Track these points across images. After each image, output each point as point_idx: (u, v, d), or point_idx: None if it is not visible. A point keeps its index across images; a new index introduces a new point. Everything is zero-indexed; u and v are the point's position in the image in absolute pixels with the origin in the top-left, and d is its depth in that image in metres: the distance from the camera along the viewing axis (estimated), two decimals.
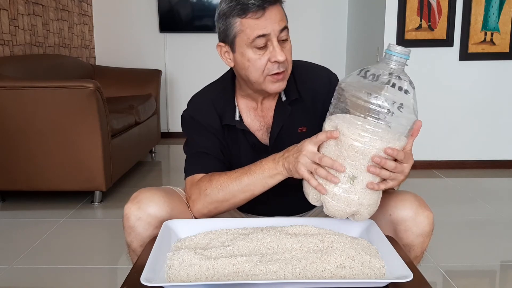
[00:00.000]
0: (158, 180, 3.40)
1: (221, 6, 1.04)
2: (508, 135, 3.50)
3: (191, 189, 1.07)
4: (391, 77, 0.84)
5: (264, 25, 0.99)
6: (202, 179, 1.07)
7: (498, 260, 2.02)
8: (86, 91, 2.44)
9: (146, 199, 0.99)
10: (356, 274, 0.77)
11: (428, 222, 0.98)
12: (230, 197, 1.02)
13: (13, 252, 2.02)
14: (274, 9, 1.01)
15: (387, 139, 0.84)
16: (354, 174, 0.87)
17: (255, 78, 1.05)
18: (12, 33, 3.11)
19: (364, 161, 0.85)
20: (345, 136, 0.85)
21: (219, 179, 1.03)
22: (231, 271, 0.77)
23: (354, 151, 0.85)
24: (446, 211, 2.59)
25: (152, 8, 4.53)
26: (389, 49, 0.86)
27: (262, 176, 0.99)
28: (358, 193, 0.87)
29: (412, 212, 0.97)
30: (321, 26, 4.65)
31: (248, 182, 1.00)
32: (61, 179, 2.56)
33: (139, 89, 3.93)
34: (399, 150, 0.85)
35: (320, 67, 1.20)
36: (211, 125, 1.13)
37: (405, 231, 0.98)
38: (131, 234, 0.99)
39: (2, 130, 2.48)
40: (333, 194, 0.88)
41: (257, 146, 1.14)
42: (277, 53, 1.01)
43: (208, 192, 1.03)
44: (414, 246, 0.99)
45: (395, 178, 0.87)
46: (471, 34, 3.32)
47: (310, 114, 1.14)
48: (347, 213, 0.89)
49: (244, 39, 1.01)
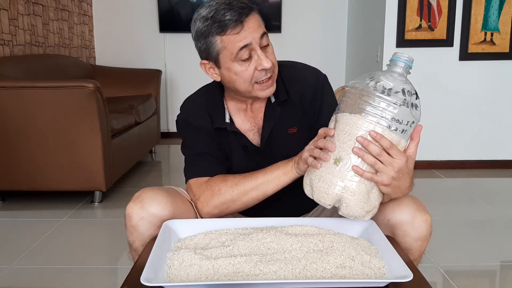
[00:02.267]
0: (158, 180, 3.40)
1: (197, 25, 1.03)
2: (508, 135, 3.50)
3: (199, 190, 1.08)
4: (404, 95, 0.84)
5: (244, 36, 0.99)
6: (213, 180, 1.07)
7: (498, 260, 2.02)
8: (86, 91, 2.44)
9: (149, 198, 0.99)
10: (356, 274, 0.77)
11: (426, 226, 0.97)
12: (243, 195, 1.04)
13: (13, 252, 2.02)
14: (251, 19, 1.01)
15: (380, 126, 0.85)
16: (341, 156, 0.87)
17: (244, 88, 1.06)
18: (12, 33, 3.11)
19: (351, 143, 0.86)
20: (338, 122, 0.89)
21: (234, 179, 1.05)
22: (231, 271, 0.77)
23: (343, 132, 0.87)
24: (446, 211, 2.59)
25: (152, 8, 4.53)
26: (397, 56, 0.87)
27: (276, 174, 1.03)
28: (343, 176, 0.87)
29: (410, 216, 0.97)
30: (321, 26, 4.65)
31: (262, 180, 1.03)
32: (61, 179, 2.57)
33: (139, 89, 3.93)
34: (384, 137, 0.85)
35: (307, 66, 1.20)
36: (205, 127, 1.14)
37: (403, 235, 0.98)
38: (133, 233, 0.99)
39: (2, 130, 2.48)
40: (320, 176, 0.90)
41: (249, 148, 1.14)
42: (263, 60, 1.01)
43: (222, 192, 1.04)
44: (413, 250, 0.99)
45: (382, 170, 0.86)
46: (471, 34, 3.32)
47: (300, 114, 1.15)
48: (331, 195, 0.88)
49: (228, 54, 1.01)
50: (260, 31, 1.02)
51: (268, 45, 1.05)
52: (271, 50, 1.06)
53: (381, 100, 0.84)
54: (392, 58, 0.88)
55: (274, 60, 1.06)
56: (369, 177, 0.86)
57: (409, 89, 0.86)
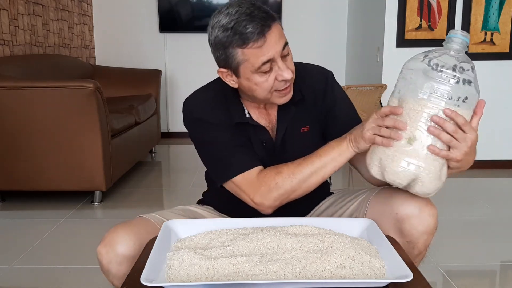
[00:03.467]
0: (158, 180, 3.40)
1: (215, 33, 0.99)
2: (508, 135, 3.50)
3: (251, 187, 1.04)
4: (455, 71, 0.85)
5: (267, 51, 0.97)
6: (266, 175, 1.04)
7: (498, 260, 2.02)
8: (86, 91, 2.44)
9: (112, 239, 0.98)
10: (356, 274, 0.77)
11: (433, 219, 0.98)
12: (303, 182, 1.02)
13: (13, 252, 2.02)
14: (274, 31, 0.97)
15: (450, 103, 0.85)
16: (415, 134, 0.87)
17: (263, 96, 1.04)
18: (12, 33, 3.11)
19: (424, 121, 0.86)
20: (407, 101, 0.87)
21: (289, 169, 1.03)
22: (231, 271, 0.77)
23: (414, 111, 0.86)
24: (446, 211, 2.59)
25: (152, 8, 4.53)
26: (453, 33, 0.88)
27: (332, 156, 1.01)
28: (418, 155, 0.87)
29: (417, 210, 0.98)
30: (321, 26, 4.65)
31: (319, 164, 1.01)
32: (61, 179, 2.57)
33: (139, 89, 3.93)
34: (459, 114, 0.85)
35: (315, 66, 1.20)
36: (226, 122, 1.09)
37: (410, 228, 0.98)
38: (109, 275, 1.00)
39: (2, 130, 2.48)
40: (392, 156, 0.88)
41: (267, 144, 1.13)
42: (284, 72, 1.00)
43: (280, 184, 1.02)
44: (419, 243, 1.00)
45: (456, 146, 0.86)
46: (471, 34, 3.32)
47: (312, 113, 1.15)
48: (407, 175, 0.88)
49: (249, 66, 0.99)
50: (282, 43, 0.99)
51: (288, 56, 1.03)
52: (290, 58, 1.03)
53: (446, 78, 0.84)
54: (448, 36, 0.89)
55: (293, 68, 1.04)
56: (444, 155, 0.87)
57: (463, 66, 0.86)
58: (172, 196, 2.96)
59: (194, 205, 1.26)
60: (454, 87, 0.85)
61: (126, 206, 2.68)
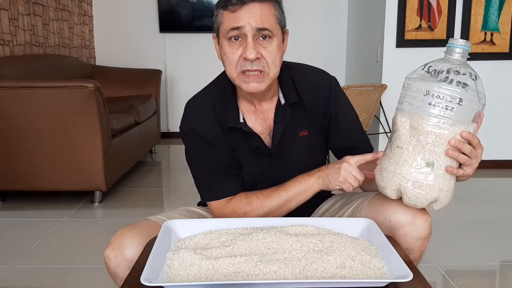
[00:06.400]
0: (158, 180, 3.40)
1: None
2: (508, 135, 3.50)
3: (222, 215, 1.10)
4: (449, 73, 0.87)
5: (239, 18, 0.98)
6: (237, 203, 1.09)
7: (498, 260, 2.02)
8: (86, 91, 2.44)
9: (121, 244, 0.98)
10: (356, 274, 0.77)
11: (426, 225, 0.99)
12: (270, 213, 1.07)
13: (13, 252, 2.02)
14: (257, 6, 0.98)
15: (462, 123, 0.86)
16: (433, 159, 0.88)
17: (231, 73, 1.05)
18: (12, 33, 3.11)
19: (443, 146, 0.87)
20: (421, 125, 0.88)
21: (258, 200, 1.08)
22: (231, 271, 0.77)
23: (434, 136, 0.87)
24: (446, 211, 2.58)
25: (152, 8, 4.53)
26: (451, 42, 0.90)
27: (298, 189, 1.05)
28: (439, 179, 0.89)
29: (410, 216, 0.98)
30: (321, 26, 4.65)
31: (286, 197, 1.06)
32: (61, 179, 2.57)
33: (139, 89, 3.93)
34: (474, 134, 0.87)
35: (318, 69, 1.18)
36: (212, 134, 1.10)
37: (404, 236, 0.98)
38: (116, 279, 1.00)
39: (2, 130, 2.48)
40: (415, 181, 0.89)
41: (261, 149, 1.12)
42: (248, 49, 0.99)
43: (249, 214, 1.08)
44: (414, 249, 1.00)
45: (470, 164, 0.89)
46: (471, 34, 3.32)
47: (311, 118, 1.13)
48: (429, 199, 0.90)
49: (223, 30, 1.02)
50: (260, 22, 0.98)
51: (269, 42, 1.00)
52: (271, 47, 1.01)
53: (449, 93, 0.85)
54: (447, 45, 0.91)
55: (269, 58, 1.01)
56: (461, 174, 0.90)
57: (459, 70, 0.87)
58: (172, 196, 2.96)
59: (196, 207, 1.26)
60: (447, 87, 0.86)
61: (126, 206, 2.68)
